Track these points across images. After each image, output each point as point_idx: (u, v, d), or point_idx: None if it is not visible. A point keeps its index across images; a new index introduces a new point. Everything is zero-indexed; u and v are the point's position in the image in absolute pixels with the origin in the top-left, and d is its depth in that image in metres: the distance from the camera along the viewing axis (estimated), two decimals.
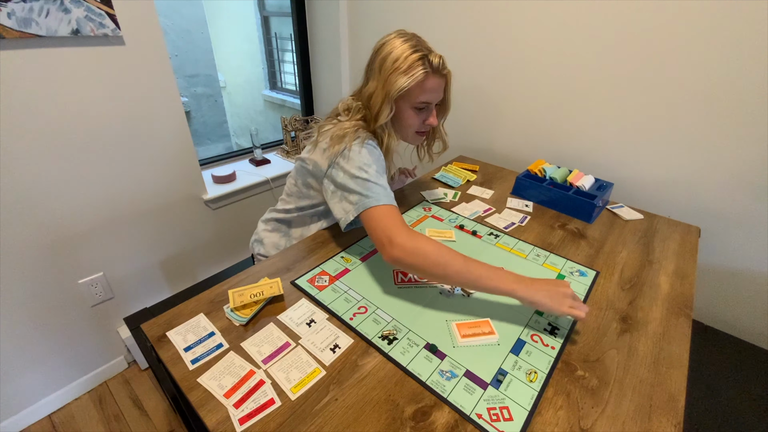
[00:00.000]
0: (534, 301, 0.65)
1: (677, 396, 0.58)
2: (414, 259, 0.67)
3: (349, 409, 0.55)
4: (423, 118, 0.86)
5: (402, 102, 0.82)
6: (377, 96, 0.80)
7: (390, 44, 0.79)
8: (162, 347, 0.63)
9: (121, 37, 1.09)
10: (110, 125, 1.16)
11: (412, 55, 0.77)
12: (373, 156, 0.79)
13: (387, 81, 0.78)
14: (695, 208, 1.11)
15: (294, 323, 0.68)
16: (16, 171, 1.03)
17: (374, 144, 0.82)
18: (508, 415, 0.54)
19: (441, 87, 0.84)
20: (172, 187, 1.40)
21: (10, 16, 0.91)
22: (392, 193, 0.77)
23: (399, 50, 0.78)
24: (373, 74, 0.82)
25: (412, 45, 0.78)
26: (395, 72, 0.77)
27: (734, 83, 0.96)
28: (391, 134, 0.86)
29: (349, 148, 0.78)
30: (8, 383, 1.21)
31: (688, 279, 0.83)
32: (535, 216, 1.06)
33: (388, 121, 0.83)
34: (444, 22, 1.44)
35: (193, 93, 2.91)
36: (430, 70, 0.78)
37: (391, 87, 0.78)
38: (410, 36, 0.80)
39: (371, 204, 0.73)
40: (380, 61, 0.79)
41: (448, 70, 0.83)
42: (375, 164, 0.78)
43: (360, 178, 0.75)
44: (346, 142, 0.79)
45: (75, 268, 1.24)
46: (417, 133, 0.90)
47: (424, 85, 0.80)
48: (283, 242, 1.02)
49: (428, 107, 0.85)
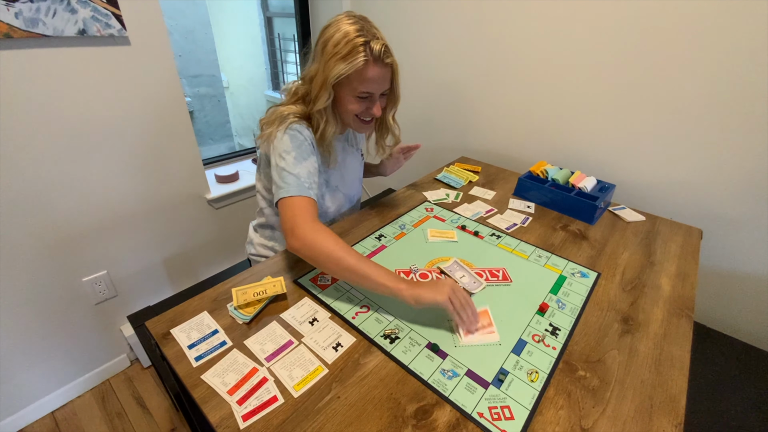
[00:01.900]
0: (416, 294, 0.64)
1: (678, 397, 0.58)
2: (310, 252, 0.70)
3: (351, 407, 0.55)
4: (366, 107, 0.82)
5: (343, 89, 0.78)
6: (317, 80, 0.77)
7: (335, 26, 0.75)
8: (166, 344, 0.64)
9: (127, 38, 1.10)
10: (115, 124, 1.17)
11: (354, 40, 0.72)
12: (294, 142, 0.78)
13: (326, 65, 0.75)
14: (697, 210, 1.11)
15: (297, 322, 0.69)
16: (22, 170, 1.04)
17: (299, 128, 0.79)
18: (510, 415, 0.55)
19: (385, 77, 0.79)
20: (175, 187, 1.41)
21: (18, 16, 0.92)
22: (309, 182, 0.76)
23: (341, 33, 0.73)
24: (316, 56, 0.78)
25: (357, 29, 0.73)
26: (335, 57, 0.73)
27: (737, 86, 0.96)
28: (329, 122, 0.82)
29: (275, 135, 0.79)
30: (12, 380, 1.22)
31: (689, 281, 0.83)
32: (536, 217, 1.06)
33: (328, 107, 0.79)
34: (446, 23, 1.44)
35: (197, 93, 2.93)
36: (370, 57, 0.74)
37: (329, 72, 0.74)
38: (357, 18, 0.76)
39: (281, 195, 0.74)
40: (323, 43, 0.76)
41: (393, 59, 0.78)
42: (295, 151, 0.77)
43: (278, 167, 0.77)
44: (273, 129, 0.79)
45: (79, 266, 1.25)
46: (361, 120, 0.85)
47: (365, 74, 0.75)
48: (271, 242, 1.02)
49: (371, 97, 0.80)
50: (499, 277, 0.82)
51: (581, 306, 0.75)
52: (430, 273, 0.82)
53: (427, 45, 1.53)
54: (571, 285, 0.80)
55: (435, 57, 1.54)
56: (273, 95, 3.09)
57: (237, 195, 1.64)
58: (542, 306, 0.74)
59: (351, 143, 1.01)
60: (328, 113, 0.81)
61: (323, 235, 0.70)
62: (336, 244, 0.69)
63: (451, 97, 1.56)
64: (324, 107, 0.79)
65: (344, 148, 0.98)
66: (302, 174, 0.76)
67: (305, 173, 0.77)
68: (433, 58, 1.54)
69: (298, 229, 0.70)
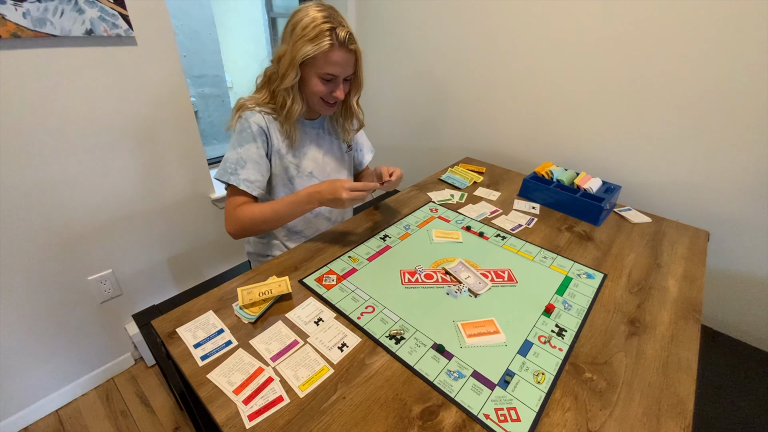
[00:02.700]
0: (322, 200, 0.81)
1: (686, 400, 0.58)
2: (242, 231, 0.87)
3: (357, 407, 0.55)
4: (330, 89, 0.87)
5: (308, 69, 0.84)
6: (285, 59, 0.82)
7: (304, 11, 0.81)
8: (172, 343, 0.64)
9: (134, 38, 1.10)
10: (121, 124, 1.18)
11: (322, 25, 0.79)
12: (238, 128, 0.88)
13: (294, 46, 0.80)
14: (704, 212, 1.11)
15: (302, 321, 0.69)
16: (29, 168, 1.05)
17: (247, 115, 0.87)
18: (516, 416, 0.54)
19: (349, 62, 0.84)
20: (180, 186, 1.41)
21: (26, 15, 0.92)
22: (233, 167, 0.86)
23: (310, 18, 0.79)
24: (285, 37, 0.84)
25: (324, 16, 0.80)
26: (302, 38, 0.79)
27: (744, 87, 0.95)
28: (296, 99, 0.87)
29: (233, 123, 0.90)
30: (17, 378, 1.22)
31: (696, 283, 0.83)
32: (542, 218, 1.06)
33: (294, 85, 0.85)
34: (451, 25, 1.44)
35: (201, 93, 2.93)
36: (336, 42, 0.80)
37: (297, 52, 0.80)
38: (326, 7, 0.82)
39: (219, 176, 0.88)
40: (292, 25, 0.82)
41: (357, 46, 0.84)
42: (235, 136, 0.88)
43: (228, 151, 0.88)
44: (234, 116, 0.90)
45: (85, 265, 1.25)
46: (324, 102, 0.89)
47: (329, 57, 0.81)
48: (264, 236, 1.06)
49: (335, 80, 0.86)
50: (504, 278, 0.82)
51: (587, 307, 0.74)
52: (435, 273, 0.82)
53: (431, 45, 1.53)
54: (577, 286, 0.80)
55: (439, 58, 1.53)
56: None
57: None
58: (548, 307, 0.73)
59: (328, 131, 1.02)
60: (294, 91, 0.86)
61: (240, 212, 0.86)
62: (250, 212, 0.85)
63: (455, 97, 1.56)
64: (291, 86, 0.85)
65: (318, 134, 1.00)
66: (231, 158, 0.87)
67: (234, 158, 0.87)
68: (438, 58, 1.54)
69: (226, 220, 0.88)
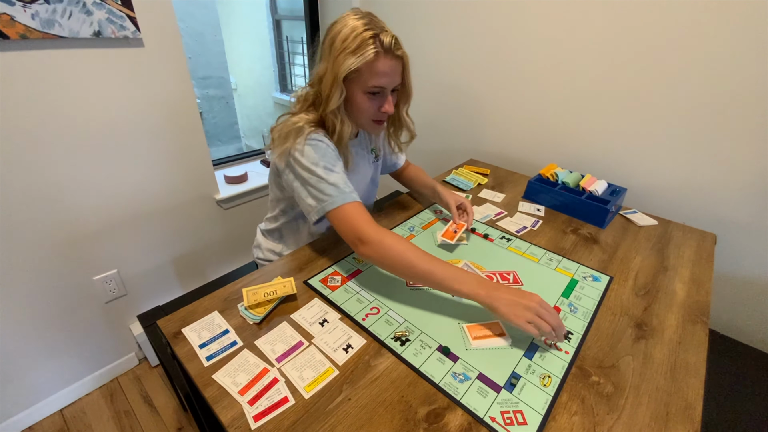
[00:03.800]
0: (493, 308, 0.63)
1: (694, 404, 0.57)
2: (382, 258, 0.70)
3: (363, 409, 0.55)
4: (378, 105, 0.79)
5: (354, 86, 0.76)
6: (327, 78, 0.75)
7: (341, 22, 0.74)
8: (177, 344, 0.64)
9: (141, 39, 1.11)
10: (127, 125, 1.19)
11: (363, 33, 0.71)
12: (318, 152, 0.76)
13: (336, 61, 0.73)
14: (711, 215, 1.10)
15: (307, 322, 0.69)
16: (35, 169, 1.06)
17: (319, 137, 0.77)
18: (522, 419, 0.54)
19: (396, 70, 0.77)
20: (186, 187, 1.42)
21: (34, 17, 0.93)
22: (348, 187, 0.75)
23: (349, 28, 0.72)
24: (324, 54, 0.76)
25: (365, 23, 0.72)
26: (344, 51, 0.72)
27: (751, 89, 0.95)
28: (345, 121, 0.79)
29: (294, 148, 0.76)
30: (22, 377, 1.23)
31: (704, 287, 0.82)
32: (547, 220, 1.05)
33: (341, 106, 0.77)
34: (456, 26, 1.44)
35: (206, 95, 2.95)
36: (381, 49, 0.72)
37: (339, 68, 0.72)
38: (364, 14, 0.75)
39: (329, 207, 0.73)
40: (330, 40, 0.74)
41: (404, 51, 0.76)
42: (322, 160, 0.75)
43: (311, 181, 0.75)
44: (291, 141, 0.76)
45: (90, 265, 1.26)
46: (373, 121, 0.82)
47: (375, 67, 0.73)
48: (279, 247, 1.02)
49: (383, 92, 0.78)
50: (509, 280, 0.81)
51: (594, 310, 0.74)
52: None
53: (436, 47, 1.54)
54: (583, 289, 0.80)
55: (444, 59, 1.53)
56: (281, 97, 3.10)
57: (246, 196, 1.64)
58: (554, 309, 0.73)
59: (363, 146, 0.97)
60: (341, 113, 0.79)
61: (390, 239, 0.70)
62: (405, 247, 0.69)
63: (460, 99, 1.56)
64: (337, 107, 0.77)
65: (357, 152, 0.94)
66: (339, 182, 0.74)
67: (342, 180, 0.75)
68: (443, 60, 1.54)
69: (364, 236, 0.70)
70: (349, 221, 0.72)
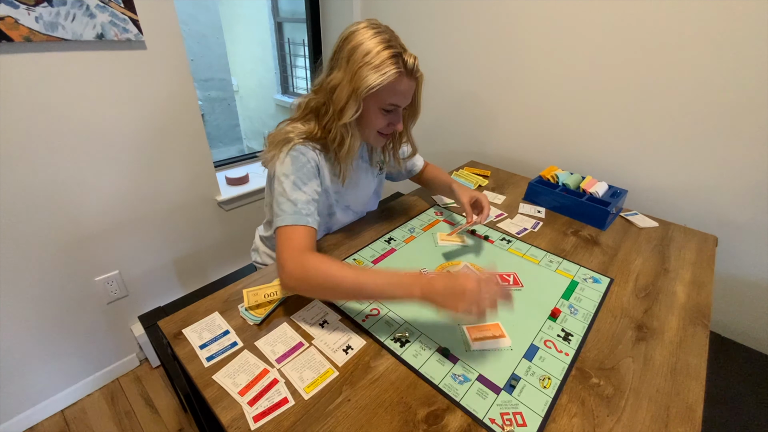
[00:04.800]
0: (431, 304, 0.59)
1: (695, 406, 0.57)
2: (304, 286, 0.65)
3: (362, 410, 0.55)
4: (389, 121, 0.79)
5: (369, 101, 0.74)
6: (342, 90, 0.72)
7: (361, 34, 0.71)
8: (178, 344, 0.64)
9: (143, 42, 1.12)
10: (130, 127, 1.19)
11: (385, 51, 0.69)
12: (295, 164, 0.74)
13: (356, 75, 0.70)
14: (712, 217, 1.10)
15: (307, 323, 0.69)
16: (38, 170, 1.06)
17: (303, 150, 0.76)
18: (522, 421, 0.54)
19: (412, 90, 0.77)
20: (187, 188, 1.42)
21: (38, 20, 0.94)
22: (306, 209, 0.72)
23: (371, 43, 0.70)
24: (339, 64, 0.73)
25: (386, 39, 0.71)
26: (365, 66, 0.69)
27: (753, 91, 0.95)
28: (355, 134, 0.78)
29: (278, 156, 0.76)
30: (23, 378, 1.23)
31: (705, 289, 0.82)
32: (547, 222, 1.05)
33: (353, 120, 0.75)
34: (457, 28, 1.45)
35: (207, 96, 2.96)
36: (404, 70, 0.71)
37: (360, 83, 0.70)
38: (384, 28, 0.73)
39: (278, 223, 0.71)
40: (349, 51, 0.71)
41: (421, 72, 0.77)
42: (294, 174, 0.73)
43: (277, 192, 0.73)
44: (277, 151, 0.76)
45: (92, 266, 1.27)
46: (379, 134, 0.82)
47: (396, 87, 0.73)
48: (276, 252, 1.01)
49: (396, 110, 0.78)
50: (510, 281, 0.81)
51: (594, 312, 0.74)
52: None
53: (437, 49, 1.54)
54: (584, 290, 0.79)
55: (445, 61, 1.54)
56: (282, 99, 3.12)
57: (247, 197, 1.65)
58: (554, 311, 0.73)
59: (365, 159, 0.95)
60: (352, 127, 0.77)
61: (312, 264, 0.64)
62: (327, 268, 0.63)
63: (460, 101, 1.56)
64: (350, 121, 0.75)
65: (359, 165, 0.93)
66: (300, 200, 0.72)
67: (303, 200, 0.72)
68: (443, 62, 1.54)
69: (287, 264, 0.65)
70: (283, 244, 0.68)
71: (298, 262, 0.65)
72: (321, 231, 0.94)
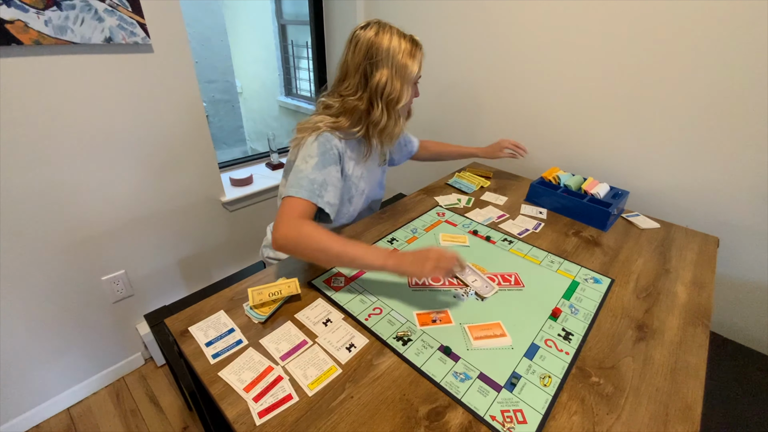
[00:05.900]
0: (402, 272, 0.71)
1: (694, 406, 0.57)
2: (294, 247, 0.73)
3: (365, 407, 0.56)
4: (415, 91, 0.92)
5: None
6: (393, 82, 0.84)
7: (380, 37, 0.83)
8: (184, 342, 0.66)
9: (150, 45, 1.14)
10: (137, 129, 1.21)
11: (404, 40, 0.84)
12: (321, 148, 0.83)
13: (403, 66, 0.83)
14: (713, 218, 1.10)
15: (311, 322, 0.70)
16: (46, 171, 1.08)
17: (329, 137, 0.85)
18: (522, 418, 0.55)
19: None
20: (192, 189, 1.44)
21: (47, 23, 0.96)
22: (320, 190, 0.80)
23: (394, 40, 0.83)
24: (382, 64, 0.84)
25: (397, 32, 0.85)
26: (404, 55, 0.83)
27: (754, 93, 0.95)
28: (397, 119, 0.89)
29: (305, 140, 0.85)
30: (30, 376, 1.25)
31: (706, 289, 0.82)
32: (549, 223, 1.06)
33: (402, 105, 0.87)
34: (458, 28, 1.46)
35: (212, 98, 2.99)
36: (420, 46, 0.87)
37: (406, 72, 0.84)
38: (384, 24, 0.86)
39: (290, 192, 0.78)
40: (385, 51, 0.83)
41: None
42: (318, 157, 0.82)
43: (298, 168, 0.82)
44: (306, 135, 0.86)
45: (98, 266, 1.28)
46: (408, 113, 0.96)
47: (421, 62, 0.88)
48: None
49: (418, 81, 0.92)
50: (511, 281, 0.82)
51: (594, 312, 0.74)
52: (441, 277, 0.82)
53: (438, 50, 1.55)
54: (584, 290, 0.80)
55: (446, 62, 1.55)
56: (285, 101, 3.13)
57: (251, 198, 1.67)
58: (555, 311, 0.74)
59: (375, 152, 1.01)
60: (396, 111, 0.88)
61: (306, 228, 0.73)
62: (318, 234, 0.72)
63: (462, 102, 1.57)
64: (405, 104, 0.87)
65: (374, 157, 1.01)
66: (317, 180, 0.80)
67: (320, 180, 0.81)
68: (445, 63, 1.56)
69: (281, 225, 0.74)
70: (283, 209, 0.77)
71: (294, 226, 0.74)
72: (341, 219, 1.00)
